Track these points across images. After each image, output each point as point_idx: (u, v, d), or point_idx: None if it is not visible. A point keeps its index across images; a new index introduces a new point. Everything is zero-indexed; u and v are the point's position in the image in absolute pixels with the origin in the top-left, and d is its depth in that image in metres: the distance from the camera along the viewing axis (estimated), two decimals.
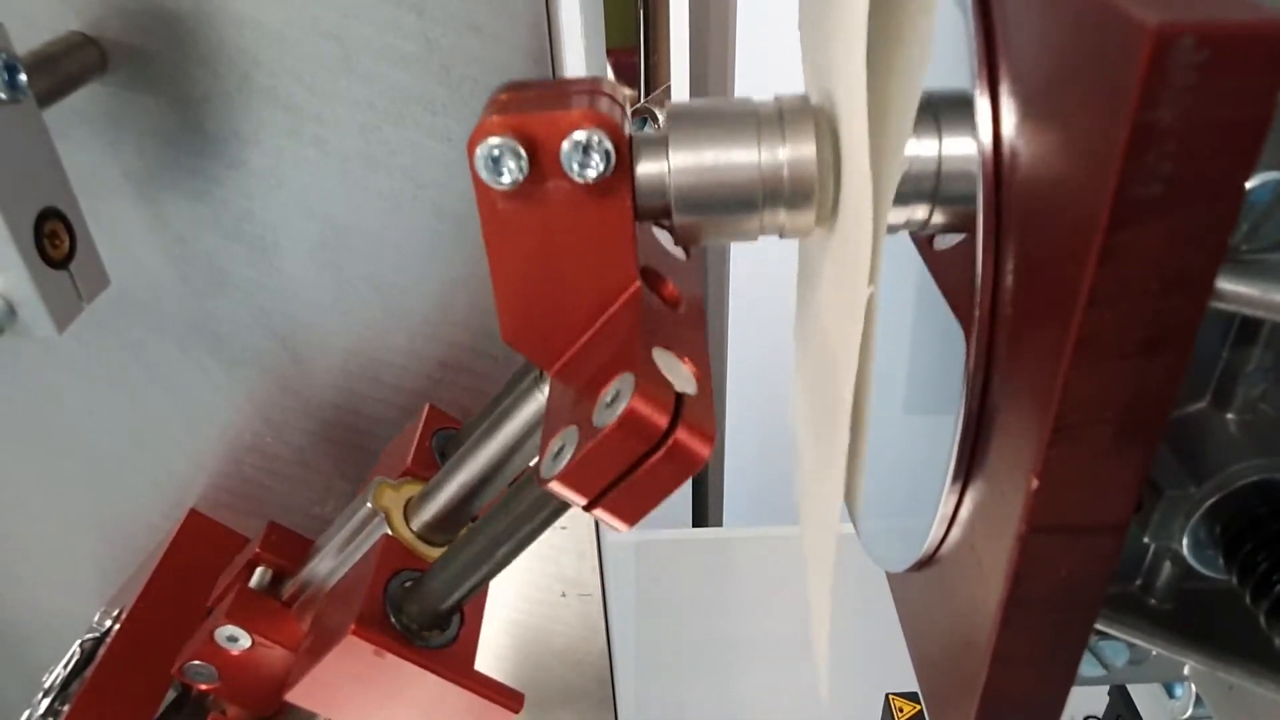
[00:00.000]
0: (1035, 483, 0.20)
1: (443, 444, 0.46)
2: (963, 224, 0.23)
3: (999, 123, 0.21)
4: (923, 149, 0.22)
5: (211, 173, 0.46)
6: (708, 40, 0.94)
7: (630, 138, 0.23)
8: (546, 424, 0.27)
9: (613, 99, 0.24)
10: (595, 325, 0.26)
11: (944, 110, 0.22)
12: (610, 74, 0.92)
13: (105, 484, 0.59)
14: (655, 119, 0.95)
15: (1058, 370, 0.18)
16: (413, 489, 0.41)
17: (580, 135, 0.22)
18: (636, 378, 0.23)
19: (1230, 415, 0.26)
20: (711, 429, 0.23)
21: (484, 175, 0.23)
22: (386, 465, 0.45)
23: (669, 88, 0.91)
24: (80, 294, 0.38)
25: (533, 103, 0.23)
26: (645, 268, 0.26)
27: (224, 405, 0.55)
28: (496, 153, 0.22)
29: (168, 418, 0.56)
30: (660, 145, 0.23)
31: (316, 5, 0.41)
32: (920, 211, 0.23)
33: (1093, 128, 0.17)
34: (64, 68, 0.40)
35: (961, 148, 0.22)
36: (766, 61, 0.90)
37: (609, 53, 0.84)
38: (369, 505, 0.40)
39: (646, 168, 0.23)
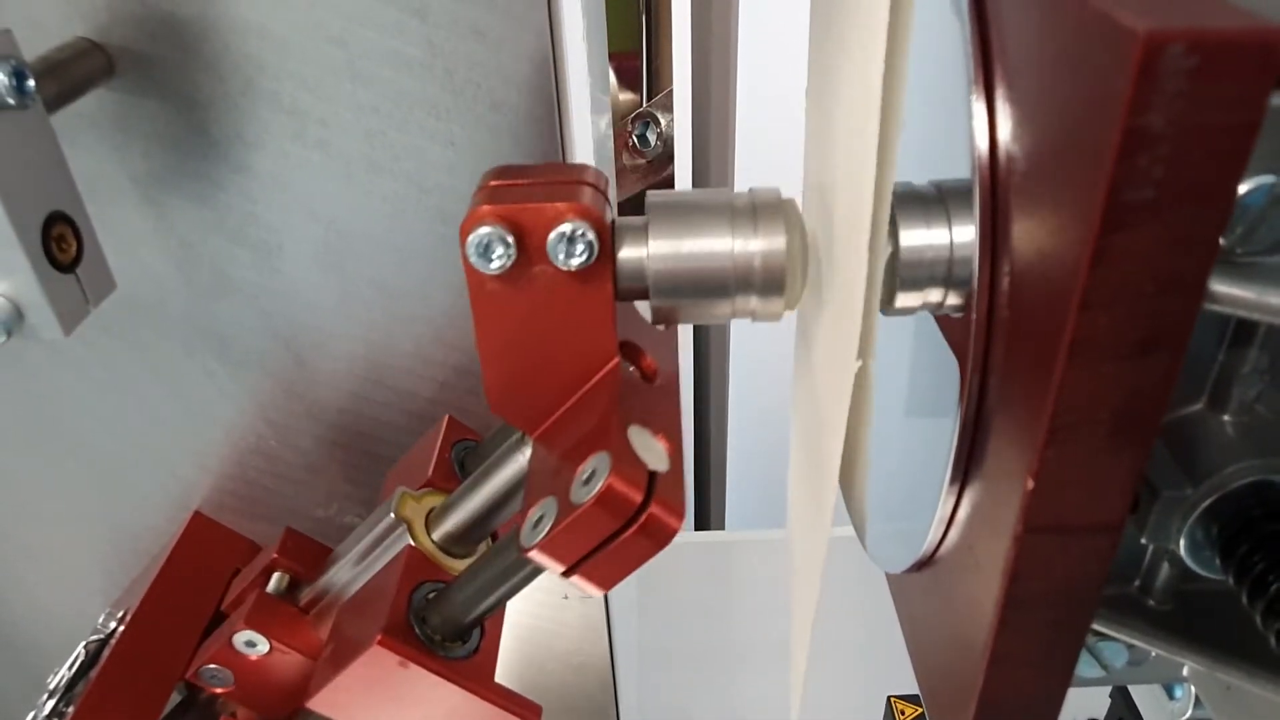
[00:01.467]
0: (1031, 483, 0.20)
1: (462, 455, 0.46)
2: (972, 305, 0.23)
3: (994, 128, 0.21)
4: (934, 237, 0.23)
5: (216, 177, 0.46)
6: (710, 45, 0.95)
7: (613, 224, 0.25)
8: (527, 490, 0.29)
9: (596, 189, 0.25)
10: (576, 394, 0.28)
11: (952, 199, 0.23)
12: (613, 78, 0.92)
13: (110, 486, 0.59)
14: (658, 123, 0.95)
15: (1053, 372, 0.19)
16: (434, 500, 0.41)
17: (566, 227, 0.24)
18: (612, 457, 0.24)
19: (1226, 417, 0.26)
20: (681, 505, 0.25)
21: (474, 260, 0.24)
22: (406, 476, 0.46)
23: (671, 92, 0.92)
24: (87, 297, 0.38)
25: (521, 192, 0.25)
26: (624, 341, 0.28)
27: (228, 408, 0.55)
28: (487, 240, 0.24)
29: (172, 420, 0.56)
30: (640, 233, 0.25)
31: (320, 10, 0.42)
32: (935, 295, 0.23)
33: (1085, 132, 0.17)
34: (71, 73, 0.41)
35: (970, 235, 0.22)
36: (768, 65, 0.90)
37: (611, 57, 0.84)
38: (392, 515, 0.40)
39: (627, 254, 0.25)
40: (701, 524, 1.33)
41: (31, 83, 0.34)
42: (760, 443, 1.22)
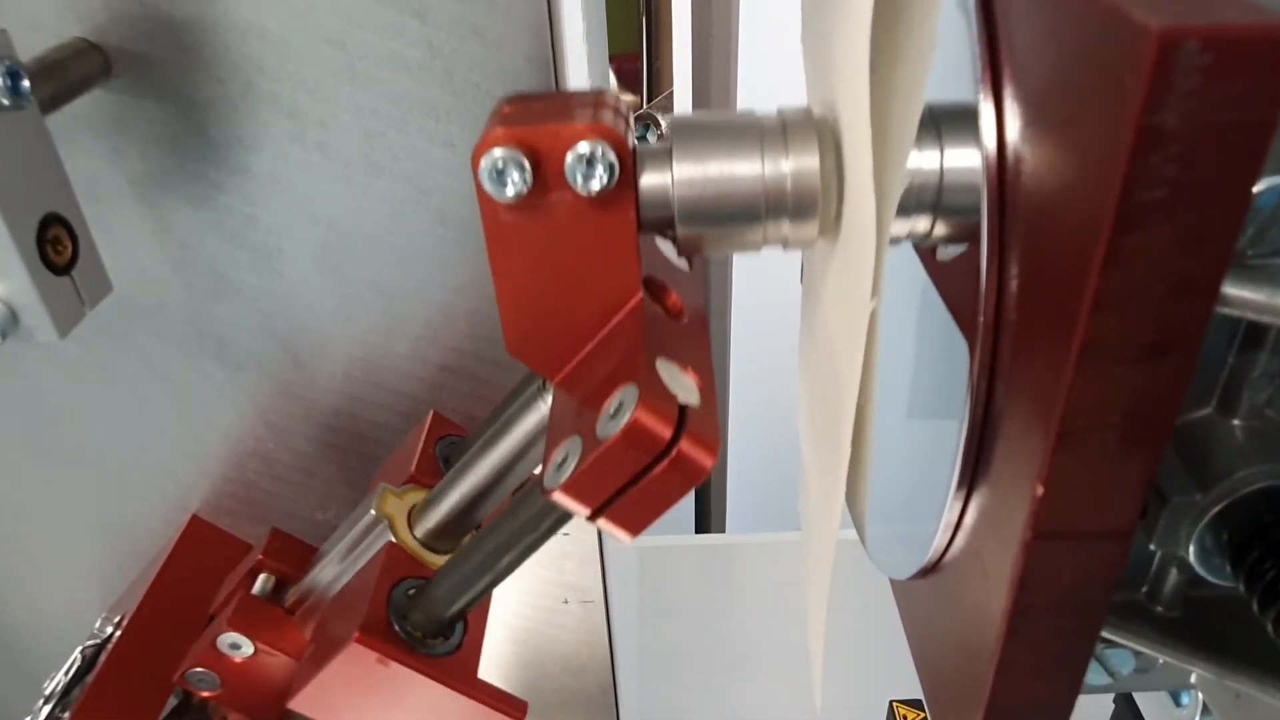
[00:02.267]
0: (1040, 488, 0.20)
1: (447, 451, 0.46)
2: (965, 235, 0.23)
3: (1003, 128, 0.21)
4: (925, 160, 0.22)
5: (215, 178, 0.46)
6: (710, 46, 0.94)
7: (634, 149, 0.23)
8: (550, 433, 0.27)
9: (616, 111, 0.24)
10: (599, 335, 0.26)
11: (946, 121, 0.22)
12: (613, 80, 0.92)
13: (107, 489, 0.59)
14: (658, 125, 0.95)
15: (1062, 375, 0.18)
16: (416, 496, 0.41)
17: (584, 147, 0.22)
18: (640, 389, 0.23)
19: (1236, 421, 0.25)
20: (715, 439, 0.23)
21: (488, 187, 0.23)
22: (390, 472, 0.45)
23: (672, 94, 0.91)
24: (83, 299, 0.38)
25: (537, 114, 0.23)
26: (648, 278, 0.26)
27: (227, 410, 0.55)
28: (500, 164, 0.22)
29: (170, 423, 0.56)
30: (664, 157, 0.23)
31: (320, 11, 0.41)
32: (922, 223, 0.23)
33: (1097, 132, 0.17)
34: (68, 74, 0.41)
35: (964, 159, 0.22)
36: (769, 67, 0.90)
37: (612, 59, 0.84)
38: (372, 512, 0.40)
39: (650, 179, 0.23)
40: (702, 527, 1.33)
41: (27, 83, 0.34)
42: (761, 446, 1.21)
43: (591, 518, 0.25)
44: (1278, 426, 0.25)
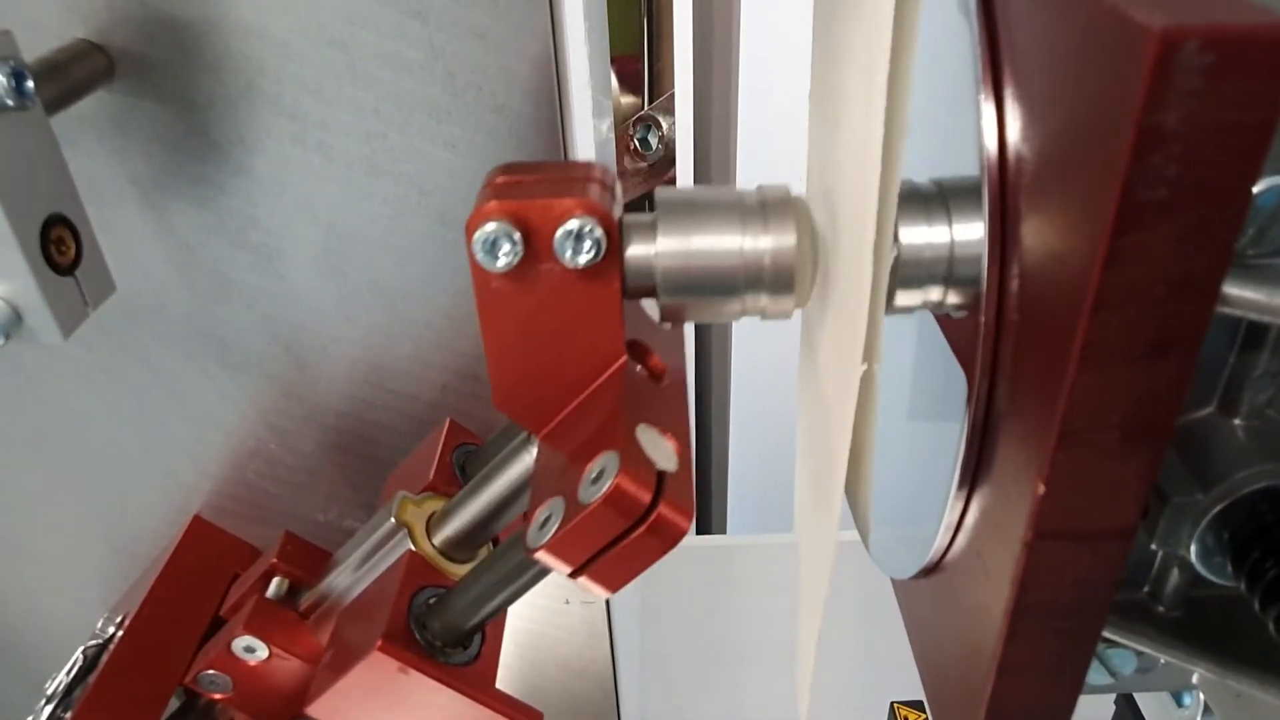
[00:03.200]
0: (1042, 488, 0.20)
1: (463, 459, 0.46)
2: (975, 304, 0.23)
3: (1004, 128, 0.21)
4: (935, 235, 0.22)
5: (217, 179, 0.46)
6: (711, 48, 0.94)
7: (620, 222, 0.25)
8: (534, 491, 0.29)
9: (604, 186, 0.25)
10: (583, 394, 0.27)
11: (954, 197, 0.22)
12: (615, 81, 0.92)
13: (109, 490, 0.59)
14: (659, 126, 0.95)
15: (1064, 375, 0.18)
16: (434, 504, 0.41)
17: (573, 224, 0.23)
18: (621, 457, 0.24)
19: (1237, 421, 0.26)
20: (690, 505, 0.24)
21: (480, 258, 0.24)
22: (407, 480, 0.45)
23: (673, 95, 0.91)
24: (86, 300, 0.38)
25: (528, 189, 0.24)
26: (631, 340, 0.28)
27: (228, 411, 0.55)
28: (493, 237, 0.24)
29: (172, 424, 0.56)
30: (649, 230, 0.24)
31: (321, 12, 0.42)
32: (934, 294, 0.23)
33: (1098, 132, 0.17)
34: (71, 75, 0.41)
35: (971, 233, 0.22)
36: (770, 69, 0.90)
37: (613, 60, 0.84)
38: (392, 520, 0.40)
39: (635, 251, 0.24)
40: (703, 529, 1.32)
41: (31, 84, 0.34)
42: (762, 447, 1.21)
43: (572, 575, 0.26)
44: (1279, 426, 0.25)
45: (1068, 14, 0.18)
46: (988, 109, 0.21)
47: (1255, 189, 0.20)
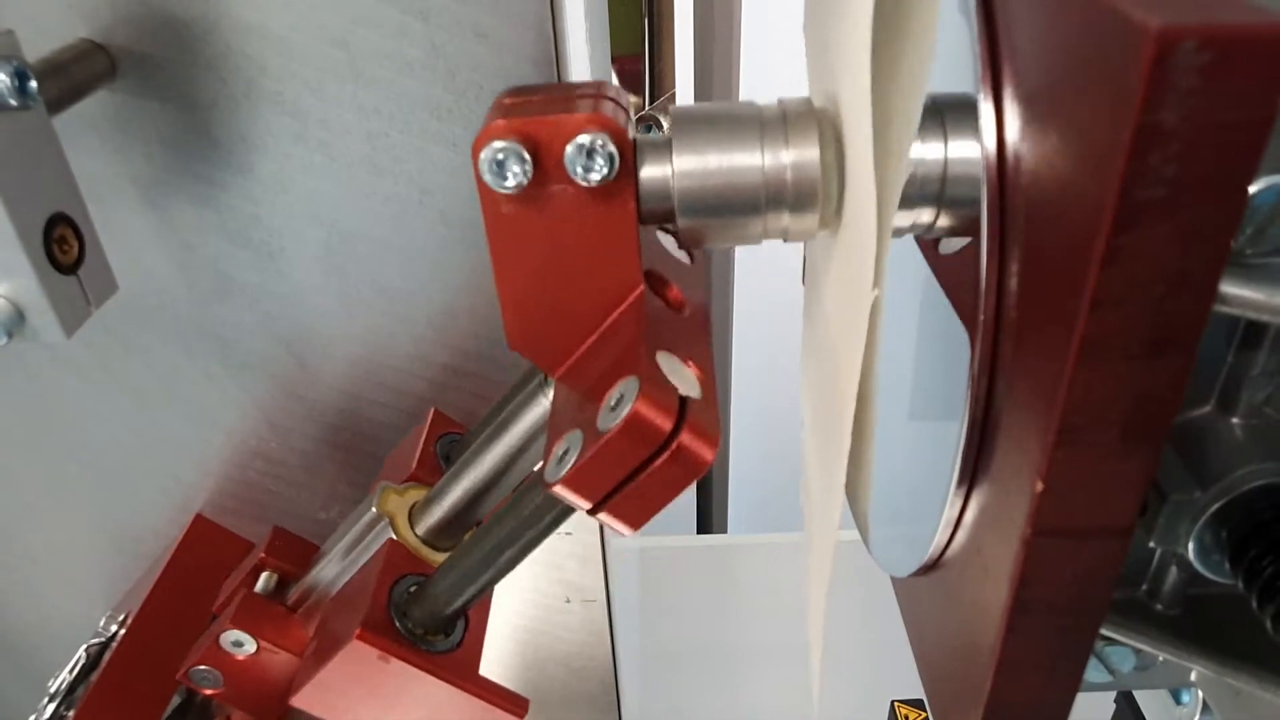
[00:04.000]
0: (1040, 485, 0.20)
1: (447, 448, 0.46)
2: (968, 227, 0.23)
3: (1003, 126, 0.21)
4: (928, 152, 0.22)
5: (218, 178, 0.46)
6: (712, 47, 0.95)
7: (634, 141, 0.23)
8: (551, 427, 0.27)
9: (617, 103, 0.24)
10: (600, 329, 0.26)
11: (950, 113, 0.22)
12: (615, 81, 0.92)
13: (111, 489, 0.59)
14: (660, 126, 0.95)
15: (1063, 372, 0.18)
16: (418, 494, 0.41)
17: (584, 139, 0.22)
18: (640, 381, 0.23)
19: (1235, 420, 0.26)
20: (716, 432, 0.23)
21: (488, 179, 0.23)
22: (391, 470, 0.46)
23: (674, 94, 0.92)
24: (88, 299, 0.38)
25: (537, 106, 0.23)
26: (649, 271, 0.26)
27: (230, 410, 0.55)
28: (501, 156, 0.22)
29: (174, 423, 0.56)
30: (664, 149, 0.23)
31: (323, 11, 0.42)
32: (926, 215, 0.23)
33: (1096, 130, 0.17)
34: (73, 75, 0.41)
35: (967, 150, 0.22)
36: (771, 68, 0.90)
37: (614, 60, 0.85)
38: (373, 510, 0.40)
39: (650, 171, 0.23)
40: (703, 527, 1.33)
41: (34, 84, 0.34)
42: (763, 447, 1.21)
43: (593, 511, 0.25)
44: (1277, 424, 0.25)
45: (1066, 13, 0.18)
46: (987, 108, 0.21)
47: (1252, 188, 0.20)
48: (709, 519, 1.32)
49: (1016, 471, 0.21)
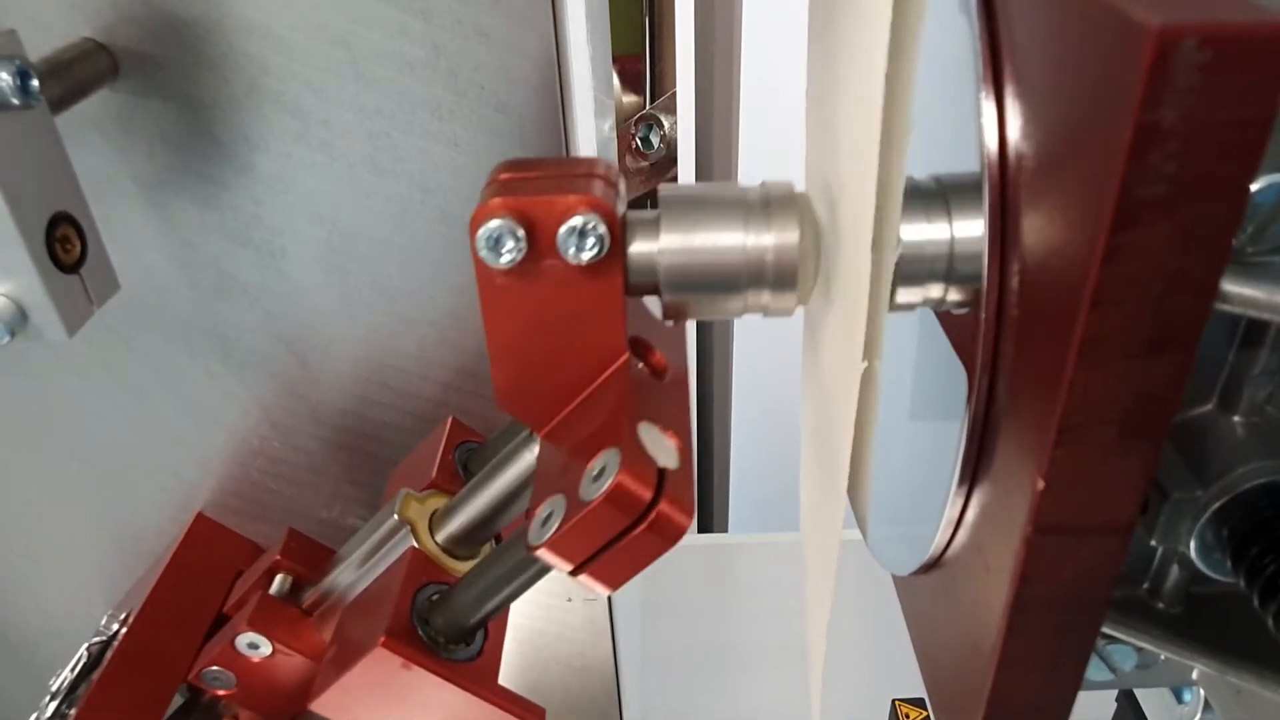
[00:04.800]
0: (1041, 484, 0.20)
1: (465, 457, 0.46)
2: (975, 301, 0.23)
3: (1004, 125, 0.21)
4: (935, 232, 0.22)
5: (220, 178, 0.46)
6: (713, 47, 0.95)
7: (623, 219, 0.25)
8: (535, 489, 0.29)
9: (607, 182, 0.25)
10: (585, 392, 0.27)
11: (953, 194, 0.22)
12: (616, 80, 0.92)
13: (113, 487, 0.59)
14: (661, 126, 0.95)
15: (1063, 371, 0.18)
16: (437, 502, 0.41)
17: (577, 220, 0.23)
18: (622, 454, 0.24)
19: (1237, 418, 0.26)
20: (691, 502, 0.24)
21: (484, 254, 0.24)
22: (409, 477, 0.45)
23: (675, 94, 0.92)
24: (91, 298, 0.38)
25: (532, 185, 0.24)
26: (634, 338, 0.28)
27: (231, 409, 0.55)
28: (497, 234, 0.24)
29: (175, 421, 0.56)
30: (652, 227, 0.24)
31: (324, 11, 0.42)
32: (935, 290, 0.23)
33: (1097, 128, 0.17)
34: (76, 74, 0.41)
35: (972, 230, 0.22)
36: (772, 68, 0.90)
37: (615, 59, 0.85)
38: (395, 517, 0.40)
39: (638, 248, 0.24)
40: (705, 527, 1.33)
41: (36, 83, 0.34)
42: (764, 446, 1.21)
43: (574, 573, 0.26)
44: (1278, 423, 0.25)
45: (1067, 12, 0.18)
46: (988, 107, 0.21)
47: (1253, 186, 0.20)
48: (710, 518, 1.33)
49: (1017, 470, 0.21)
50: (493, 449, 0.45)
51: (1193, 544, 0.25)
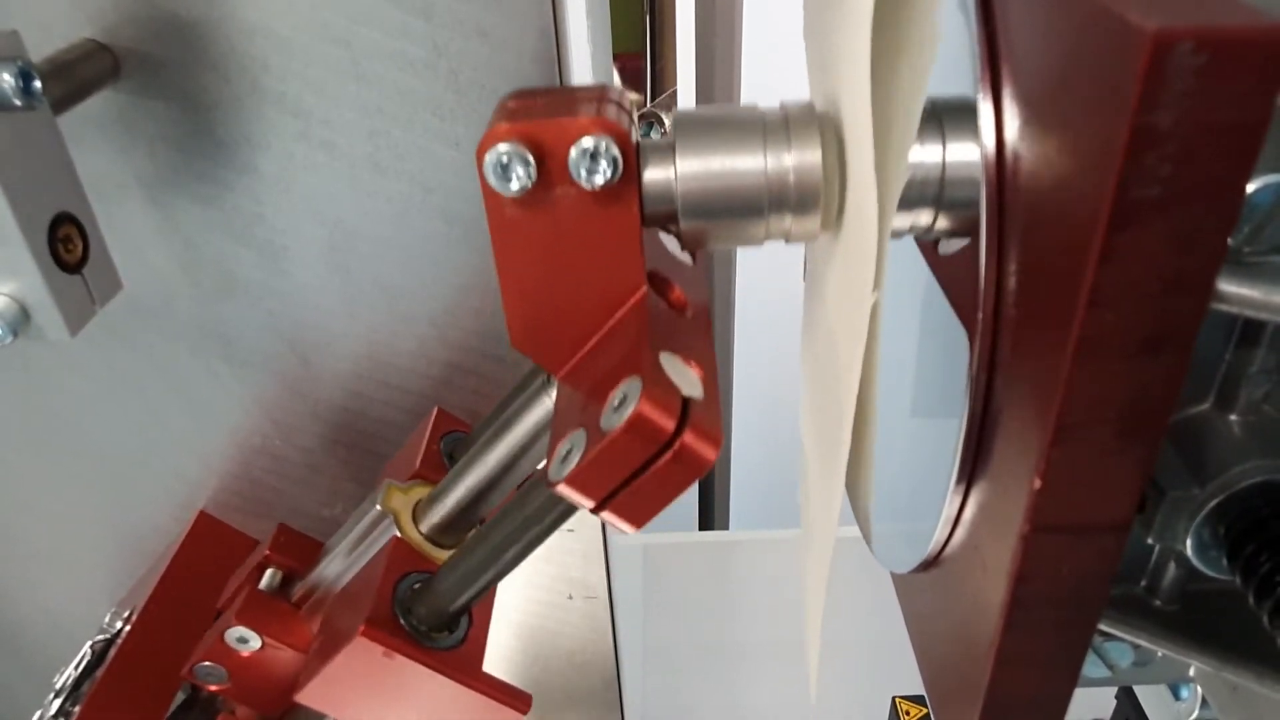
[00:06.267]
0: (1038, 482, 0.20)
1: (451, 446, 0.46)
2: (966, 228, 0.23)
3: (1001, 127, 0.21)
4: (927, 155, 0.22)
5: (222, 178, 0.47)
6: (714, 45, 0.95)
7: (637, 144, 0.23)
8: (554, 426, 0.27)
9: (620, 106, 0.24)
10: (603, 329, 0.26)
11: (948, 116, 0.22)
12: (617, 79, 0.92)
13: (115, 486, 0.59)
14: (662, 124, 0.95)
15: (1060, 370, 0.19)
16: (421, 491, 0.41)
17: (588, 142, 0.22)
18: (643, 382, 0.23)
19: (1233, 417, 0.26)
20: (718, 432, 0.23)
21: (493, 182, 0.23)
22: (395, 468, 0.46)
23: (675, 92, 0.92)
24: (93, 298, 0.38)
25: (541, 110, 0.23)
26: (652, 272, 0.27)
27: (233, 408, 0.55)
28: (505, 159, 0.22)
29: (178, 420, 0.56)
30: (667, 152, 0.23)
31: (325, 11, 0.42)
32: (924, 216, 0.23)
33: (1093, 131, 0.17)
34: (78, 74, 0.41)
35: (966, 153, 0.22)
36: (772, 66, 0.90)
37: (616, 57, 0.85)
38: (378, 508, 0.40)
39: (653, 174, 0.23)
40: (705, 524, 1.33)
41: (38, 84, 0.34)
42: (764, 443, 1.22)
43: (596, 510, 0.25)
44: (1274, 422, 0.25)
45: (1064, 14, 0.18)
46: (986, 108, 0.21)
47: (1250, 187, 0.20)
48: (711, 515, 1.33)
49: (1015, 468, 0.21)
50: (476, 437, 0.45)
51: (1189, 542, 0.26)
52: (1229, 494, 0.25)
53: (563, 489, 0.24)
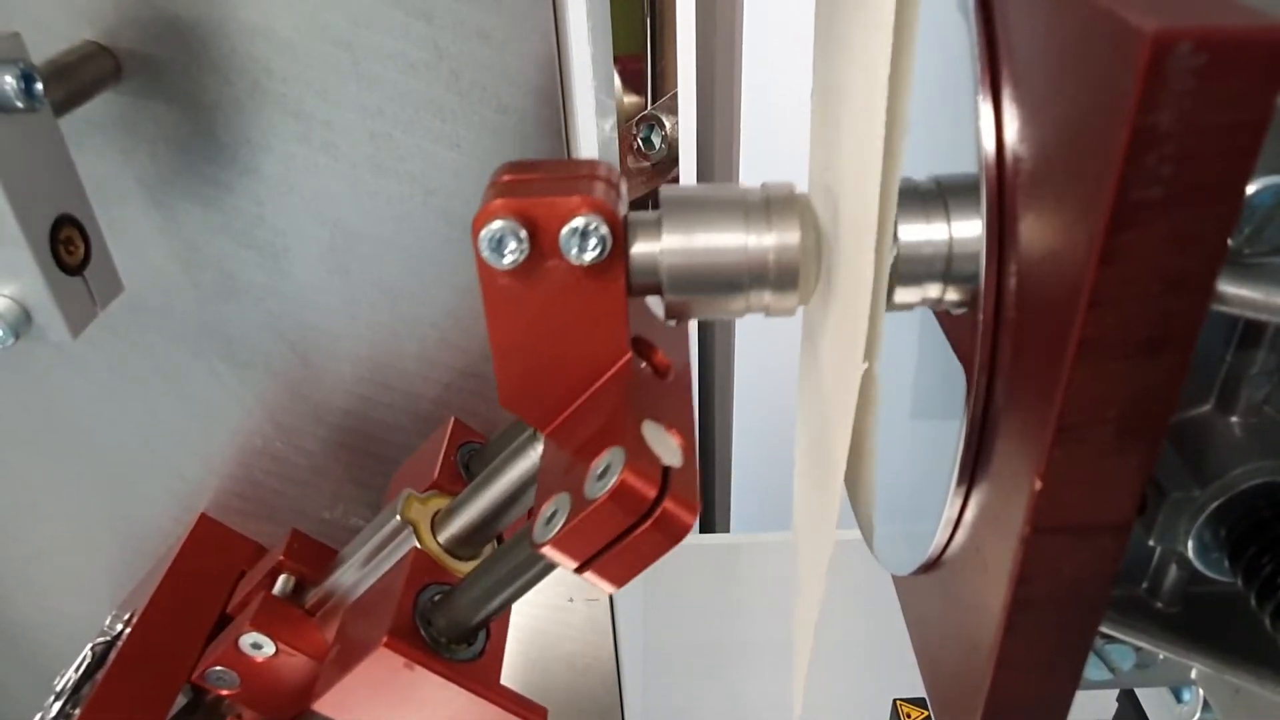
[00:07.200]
0: (1039, 483, 0.20)
1: (467, 458, 0.46)
2: (973, 301, 0.23)
3: (1001, 128, 0.21)
4: (934, 233, 0.23)
5: (223, 179, 0.47)
6: (714, 48, 0.95)
7: (625, 219, 0.25)
8: (540, 487, 0.29)
9: (609, 184, 0.25)
10: (588, 391, 0.27)
11: (952, 195, 0.22)
12: (618, 81, 0.92)
13: (116, 488, 0.59)
14: (662, 125, 0.95)
15: (1060, 371, 0.19)
16: (439, 502, 0.41)
17: (579, 221, 0.24)
18: (627, 452, 0.24)
19: (1234, 418, 0.26)
20: (695, 500, 0.25)
21: (486, 255, 0.24)
22: (411, 478, 0.46)
23: (676, 94, 0.92)
24: (94, 299, 0.38)
25: (534, 187, 0.24)
26: (636, 337, 0.28)
27: (235, 410, 0.55)
28: (499, 234, 0.24)
29: (179, 422, 0.56)
30: (653, 228, 0.24)
31: (326, 13, 0.42)
32: (933, 290, 0.23)
33: (1093, 131, 0.17)
34: (79, 77, 0.41)
35: (969, 230, 0.22)
36: (773, 68, 0.91)
37: (616, 59, 0.85)
38: (398, 518, 0.40)
39: (640, 248, 0.25)
40: (707, 527, 1.33)
41: (40, 86, 0.34)
42: (766, 446, 1.21)
43: (579, 570, 0.26)
44: (1275, 423, 0.25)
45: (1064, 15, 0.18)
46: (986, 109, 0.21)
47: (1250, 188, 0.20)
48: (712, 518, 1.33)
49: (1015, 470, 0.21)
50: (494, 450, 0.45)
51: (1191, 544, 0.26)
52: (1230, 495, 0.25)
53: (547, 550, 0.26)
